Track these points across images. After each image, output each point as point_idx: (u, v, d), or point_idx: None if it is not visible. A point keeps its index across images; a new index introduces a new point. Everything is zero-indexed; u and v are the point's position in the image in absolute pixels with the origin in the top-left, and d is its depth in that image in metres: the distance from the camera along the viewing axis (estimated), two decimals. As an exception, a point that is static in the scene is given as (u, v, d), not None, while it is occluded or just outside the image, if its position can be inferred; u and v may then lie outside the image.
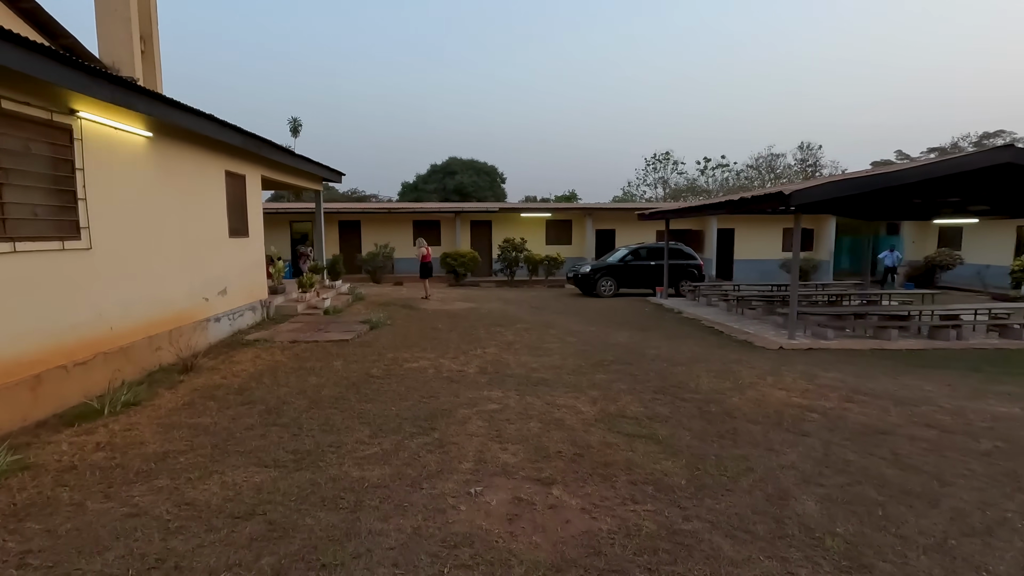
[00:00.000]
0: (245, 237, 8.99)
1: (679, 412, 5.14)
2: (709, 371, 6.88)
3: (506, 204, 28.66)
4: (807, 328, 9.84)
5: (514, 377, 6.29)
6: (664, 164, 47.59)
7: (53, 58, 4.27)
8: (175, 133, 6.75)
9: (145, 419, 4.58)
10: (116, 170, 5.71)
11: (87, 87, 4.72)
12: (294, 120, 44.65)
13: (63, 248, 4.94)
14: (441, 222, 22.95)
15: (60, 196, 4.97)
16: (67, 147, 5.03)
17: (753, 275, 22.48)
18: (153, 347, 6.16)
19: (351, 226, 22.49)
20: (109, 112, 5.42)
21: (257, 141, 8.45)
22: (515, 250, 20.89)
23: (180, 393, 5.35)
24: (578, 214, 23.48)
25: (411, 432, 4.41)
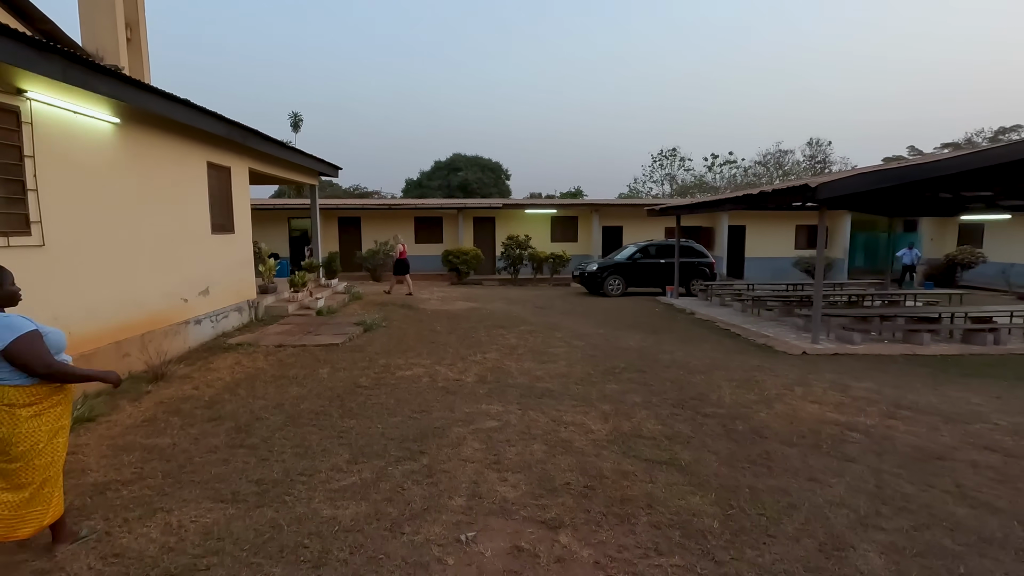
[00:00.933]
0: (230, 233, 8.44)
1: (702, 431, 4.55)
2: (730, 380, 6.28)
3: (510, 200, 28.06)
4: (830, 331, 9.21)
5: (516, 387, 5.71)
6: (671, 160, 46.89)
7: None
8: (148, 120, 6.20)
9: (96, 439, 4.04)
10: (77, 159, 5.16)
11: (33, 62, 4.16)
12: (294, 115, 44.12)
13: (8, 244, 4.39)
14: (443, 219, 22.38)
15: (5, 186, 4.42)
16: (13, 131, 4.48)
17: (765, 273, 21.79)
18: (120, 353, 5.62)
19: (351, 223, 21.95)
20: (66, 94, 4.87)
21: (242, 130, 7.89)
22: (519, 248, 20.30)
23: (143, 407, 4.80)
24: (584, 211, 22.85)
25: (396, 456, 3.84)
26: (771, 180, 40.97)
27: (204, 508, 3.08)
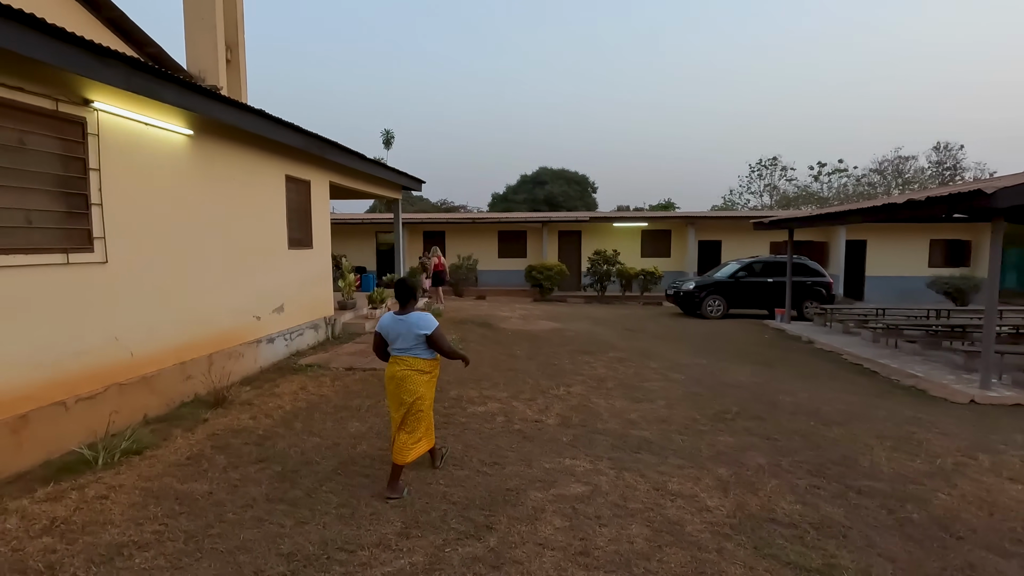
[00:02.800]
0: (308, 248, 8.22)
1: (860, 517, 3.38)
2: (880, 437, 4.95)
3: (597, 213, 27.02)
4: (1003, 372, 7.39)
5: (606, 435, 4.78)
6: (771, 170, 43.56)
7: (39, 29, 3.45)
8: (223, 132, 6.00)
9: (132, 480, 3.62)
10: (145, 172, 4.96)
11: (93, 69, 3.91)
12: (386, 132, 45.84)
13: (68, 262, 4.16)
14: (527, 232, 21.78)
15: (67, 200, 4.21)
16: (78, 143, 4.28)
17: (890, 295, 19.10)
18: (184, 375, 5.34)
19: (435, 237, 21.94)
20: (134, 104, 4.65)
21: (320, 142, 7.64)
22: (607, 263, 19.20)
23: (193, 439, 4.40)
24: (678, 224, 21.32)
25: (457, 531, 3.06)
26: (888, 189, 36.76)
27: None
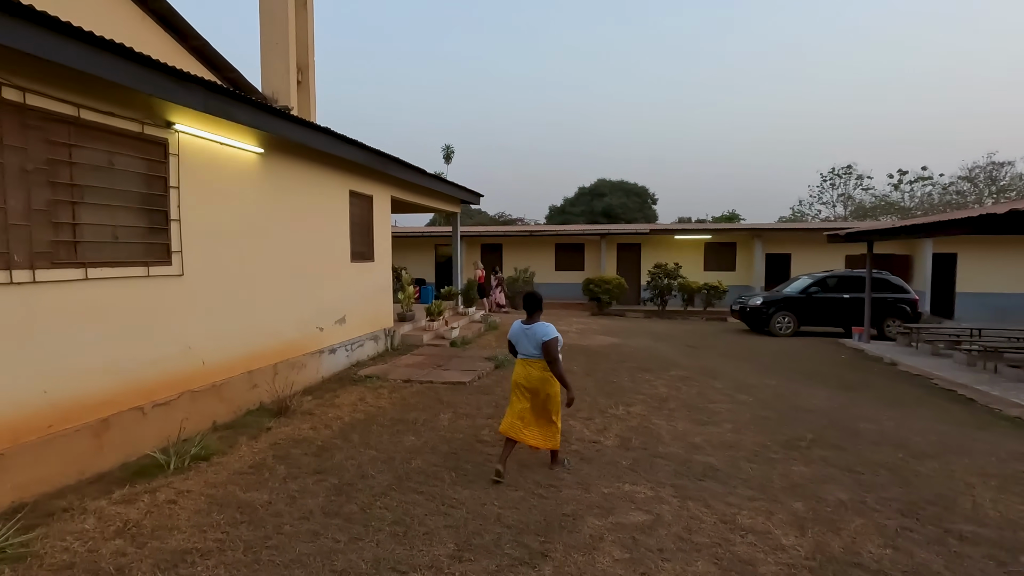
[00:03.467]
0: (370, 261, 8.42)
1: (963, 569, 3.00)
2: (984, 475, 4.44)
3: (657, 225, 26.38)
4: None
5: (668, 459, 4.54)
6: (845, 179, 41.20)
7: (126, 57, 3.69)
8: (291, 149, 6.25)
9: (199, 486, 3.74)
10: (219, 188, 5.22)
11: (175, 93, 4.15)
12: (447, 147, 46.85)
13: (148, 274, 4.41)
14: (585, 245, 21.53)
15: (149, 217, 4.47)
16: (161, 163, 4.55)
17: (985, 313, 17.46)
18: (251, 384, 5.54)
19: (493, 249, 22.09)
20: (210, 125, 4.91)
21: (383, 158, 7.84)
22: (667, 276, 18.65)
23: (257, 447, 4.52)
24: (744, 236, 20.45)
25: (511, 557, 2.94)
26: (980, 198, 33.84)
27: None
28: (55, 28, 3.21)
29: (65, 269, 3.76)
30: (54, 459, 3.61)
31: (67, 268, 3.77)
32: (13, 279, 3.42)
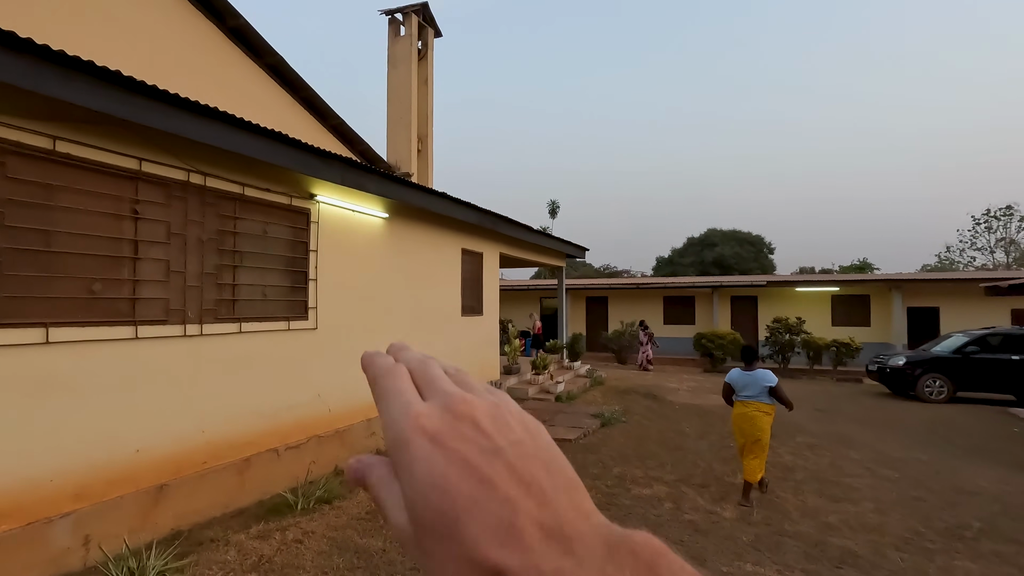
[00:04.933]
0: (478, 315, 8.75)
1: None
2: None
3: (776, 277, 24.71)
4: None
5: (797, 539, 4.08)
6: (1005, 221, 36.14)
7: (281, 141, 4.33)
8: (410, 213, 6.80)
9: (323, 527, 4.00)
10: (348, 250, 5.79)
11: (318, 169, 4.76)
12: (552, 202, 48.14)
13: (288, 328, 4.95)
14: (696, 298, 20.65)
15: (292, 277, 5.06)
16: (303, 230, 5.18)
17: None
18: (369, 431, 5.89)
19: (598, 302, 21.90)
20: (345, 195, 5.52)
21: (493, 218, 8.25)
22: (789, 332, 17.23)
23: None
24: (879, 287, 18.47)
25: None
26: None
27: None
28: (234, 123, 3.86)
29: (225, 323, 4.34)
30: (206, 493, 4.07)
31: (226, 323, 4.36)
32: (187, 332, 4.02)
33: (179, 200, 4.04)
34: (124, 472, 3.59)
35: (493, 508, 0.25)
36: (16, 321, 3.11)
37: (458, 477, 0.26)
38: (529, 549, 0.24)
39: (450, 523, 0.25)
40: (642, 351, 16.64)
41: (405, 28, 12.17)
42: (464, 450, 0.27)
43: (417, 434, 0.27)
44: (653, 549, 0.25)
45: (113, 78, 3.17)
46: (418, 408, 0.29)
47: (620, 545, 0.25)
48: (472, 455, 0.26)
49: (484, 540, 0.24)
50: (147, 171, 3.79)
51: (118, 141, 3.60)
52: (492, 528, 0.25)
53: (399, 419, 0.29)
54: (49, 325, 3.24)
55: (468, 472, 0.26)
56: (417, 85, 12.47)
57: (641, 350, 16.69)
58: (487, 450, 0.27)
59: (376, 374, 0.33)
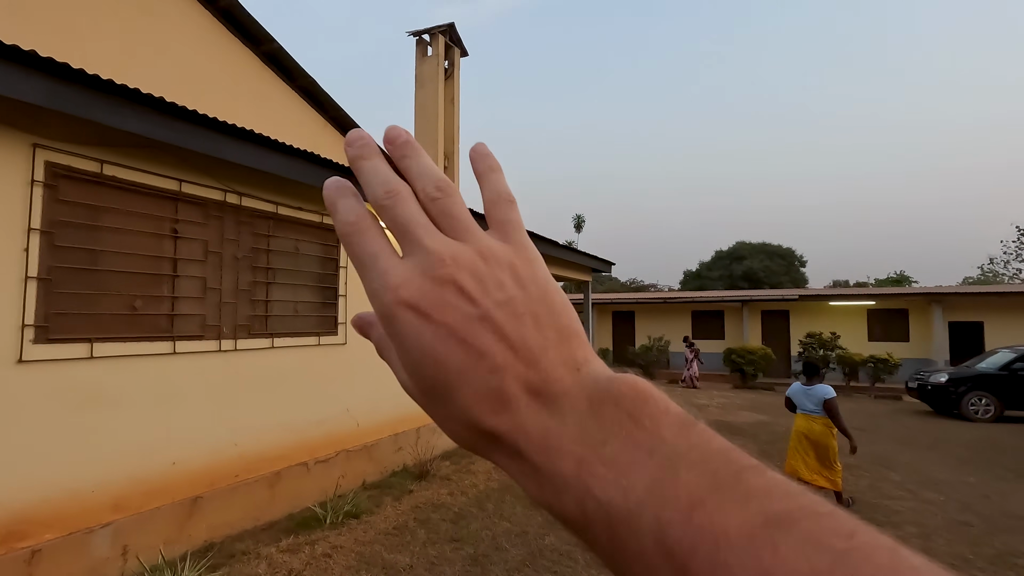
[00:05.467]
0: (505, 330, 8.75)
1: None
2: None
3: (808, 291, 24.11)
4: None
5: (837, 564, 3.93)
6: (1053, 232, 34.56)
7: (314, 161, 4.45)
8: (438, 229, 6.89)
9: (350, 542, 4.02)
10: (378, 267, 5.88)
11: (348, 188, 4.87)
12: (577, 216, 48.11)
13: (319, 343, 5.04)
14: (725, 312, 20.29)
15: (323, 293, 5.17)
16: (334, 247, 5.29)
17: None
18: (396, 446, 5.92)
19: (625, 317, 21.70)
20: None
21: (519, 233, 8.28)
22: (823, 347, 16.76)
23: (401, 509, 4.77)
24: (918, 301, 17.86)
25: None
26: None
27: None
28: (269, 145, 4.00)
29: (258, 339, 4.45)
30: (238, 505, 4.14)
31: (259, 338, 4.46)
32: (222, 347, 4.13)
33: (216, 219, 4.19)
34: (161, 484, 3.69)
35: (482, 376, 0.26)
36: (64, 336, 3.25)
37: (446, 349, 0.26)
38: (517, 411, 0.25)
39: (444, 391, 0.26)
40: (688, 368, 16.18)
41: (432, 48, 12.44)
42: (449, 320, 0.26)
43: (400, 309, 0.26)
44: (636, 396, 0.25)
45: (158, 105, 3.32)
46: (395, 279, 0.27)
47: (604, 397, 0.25)
48: (458, 325, 0.26)
49: (476, 407, 0.25)
50: (187, 192, 3.94)
51: (160, 164, 3.76)
52: (482, 396, 0.26)
53: (379, 292, 0.27)
54: (94, 340, 3.38)
55: (455, 343, 0.26)
56: (444, 104, 12.70)
57: (687, 367, 16.23)
58: (473, 318, 0.26)
59: (345, 231, 0.29)
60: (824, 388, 5.03)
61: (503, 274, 0.28)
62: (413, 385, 0.28)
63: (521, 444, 0.25)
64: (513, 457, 0.26)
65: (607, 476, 0.23)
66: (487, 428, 0.26)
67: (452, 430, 0.27)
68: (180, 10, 6.43)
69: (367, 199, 0.30)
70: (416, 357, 0.27)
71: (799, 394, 5.18)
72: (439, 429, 0.28)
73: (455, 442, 0.28)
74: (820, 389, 5.04)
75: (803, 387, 5.18)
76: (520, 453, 0.25)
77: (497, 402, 0.26)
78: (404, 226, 0.28)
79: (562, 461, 0.24)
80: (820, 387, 5.06)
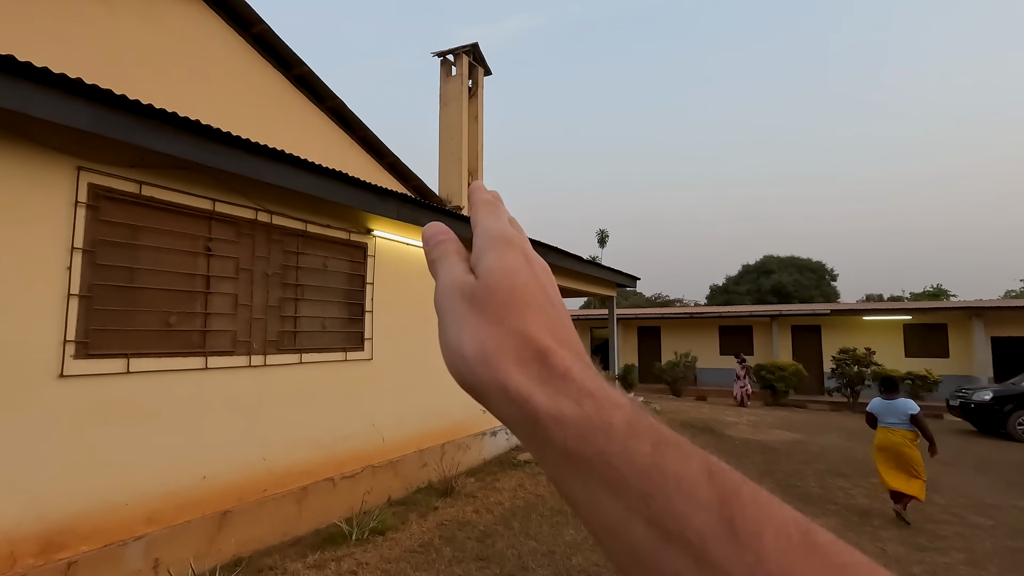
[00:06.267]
0: (529, 346, 8.71)
1: None
2: None
3: (840, 305, 23.48)
4: None
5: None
6: (1103, 242, 33.06)
7: (343, 180, 4.54)
8: (463, 245, 6.93)
9: (376, 559, 4.00)
10: (403, 283, 5.93)
11: (376, 205, 4.95)
12: (601, 231, 47.93)
13: (345, 359, 5.09)
14: (753, 327, 19.86)
15: (350, 309, 5.23)
16: (360, 263, 5.37)
17: None
18: (421, 462, 5.91)
19: (651, 332, 21.43)
20: (400, 229, 5.70)
21: (543, 248, 8.28)
22: (858, 364, 16.23)
23: (426, 526, 4.74)
24: (958, 316, 17.21)
25: None
26: None
27: None
28: (300, 165, 4.09)
29: (287, 354, 4.51)
30: (266, 520, 4.17)
31: (288, 354, 4.53)
32: (251, 363, 4.20)
33: (247, 237, 4.29)
34: (192, 497, 3.74)
35: (555, 317, 0.31)
36: (102, 352, 3.35)
37: (534, 284, 0.32)
38: (576, 355, 0.29)
39: (520, 301, 0.30)
40: (739, 385, 15.73)
41: (456, 68, 12.65)
42: (541, 277, 0.33)
43: (513, 243, 0.34)
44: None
45: (195, 128, 3.43)
46: (507, 234, 0.35)
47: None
48: (545, 282, 0.33)
49: (542, 327, 0.30)
50: (220, 211, 4.05)
51: (195, 184, 3.88)
52: (551, 326, 0.30)
53: (487, 231, 0.35)
54: (130, 356, 3.47)
55: (541, 288, 0.32)
56: (468, 122, 12.87)
57: (738, 384, 15.78)
58: (554, 291, 0.33)
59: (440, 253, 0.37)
60: (908, 402, 5.33)
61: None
62: (482, 288, 0.31)
63: (573, 370, 0.28)
64: (547, 379, 0.28)
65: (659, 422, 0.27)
66: (544, 346, 0.29)
67: (505, 333, 0.29)
68: (217, 36, 6.69)
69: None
70: (504, 266, 0.32)
71: (882, 408, 5.44)
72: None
73: (462, 351, 0.30)
74: (903, 403, 5.33)
75: (885, 401, 5.43)
76: (562, 375, 0.27)
77: (556, 334, 0.30)
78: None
79: (614, 394, 0.27)
80: (902, 401, 5.36)
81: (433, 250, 0.37)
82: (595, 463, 0.25)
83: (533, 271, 0.33)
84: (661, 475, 0.24)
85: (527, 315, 0.30)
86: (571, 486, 0.26)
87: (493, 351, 0.29)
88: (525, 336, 0.29)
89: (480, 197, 0.40)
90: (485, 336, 0.30)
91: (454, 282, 0.33)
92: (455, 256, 0.35)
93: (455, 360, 0.31)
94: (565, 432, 0.26)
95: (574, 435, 0.26)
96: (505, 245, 0.33)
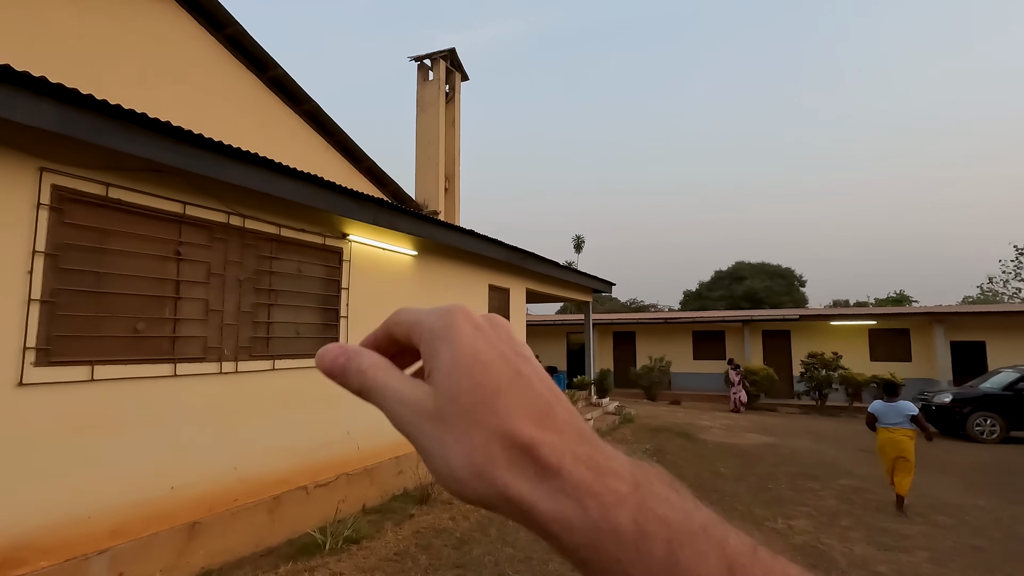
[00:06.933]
0: (506, 351, 8.72)
1: None
2: None
3: (809, 310, 24.09)
4: None
5: (848, 591, 3.85)
6: (1052, 250, 34.60)
7: (319, 184, 4.49)
8: (438, 250, 6.91)
9: (350, 569, 3.94)
10: (378, 288, 5.88)
11: (353, 210, 4.91)
12: (577, 237, 48.27)
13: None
14: (726, 332, 20.23)
15: (325, 315, 5.16)
16: (336, 268, 5.30)
17: None
18: (397, 469, 5.84)
19: (625, 337, 21.63)
20: (376, 234, 5.66)
21: (521, 255, 8.31)
22: (825, 367, 16.66)
23: (402, 534, 4.68)
24: (920, 321, 17.83)
25: None
26: None
27: None
28: (274, 168, 4.03)
29: (259, 361, 4.43)
30: (238, 531, 4.07)
31: (260, 360, 4.44)
32: (223, 369, 4.11)
33: (220, 241, 4.20)
34: (160, 509, 3.63)
35: (531, 395, 0.28)
36: (65, 359, 3.24)
37: (499, 362, 0.29)
38: (564, 433, 0.27)
39: (489, 395, 0.28)
40: (733, 392, 15.82)
41: (433, 73, 12.65)
42: (502, 346, 0.30)
43: (461, 318, 0.30)
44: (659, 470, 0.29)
45: (165, 129, 3.36)
46: (459, 306, 0.32)
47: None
48: (508, 352, 0.30)
49: (521, 416, 0.27)
50: (191, 214, 3.96)
51: (165, 187, 3.79)
52: (530, 408, 0.28)
53: (441, 313, 0.31)
54: (95, 363, 3.36)
55: (507, 363, 0.29)
56: (444, 127, 12.86)
57: (732, 391, 15.87)
58: (521, 355, 0.30)
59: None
60: (907, 404, 5.79)
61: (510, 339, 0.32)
62: (440, 393, 0.28)
63: (566, 461, 0.26)
64: (543, 476, 0.26)
65: (669, 497, 0.26)
66: (529, 438, 0.27)
67: (478, 441, 0.27)
68: (190, 37, 6.56)
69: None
70: (467, 359, 0.28)
71: (883, 409, 5.85)
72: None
73: (453, 474, 0.28)
74: (904, 405, 5.79)
75: (886, 403, 5.87)
76: (557, 471, 0.26)
77: (546, 418, 0.28)
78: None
79: (615, 480, 0.26)
80: (903, 403, 5.81)
81: (352, 379, 0.32)
82: (612, 571, 0.25)
83: (490, 343, 0.29)
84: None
85: (501, 407, 0.27)
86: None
87: (483, 464, 0.27)
88: (508, 434, 0.27)
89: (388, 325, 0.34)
90: (469, 450, 0.27)
91: (407, 406, 0.30)
92: (382, 373, 0.31)
93: (450, 483, 0.28)
94: (575, 540, 0.25)
95: (584, 544, 0.25)
96: (449, 326, 0.30)
